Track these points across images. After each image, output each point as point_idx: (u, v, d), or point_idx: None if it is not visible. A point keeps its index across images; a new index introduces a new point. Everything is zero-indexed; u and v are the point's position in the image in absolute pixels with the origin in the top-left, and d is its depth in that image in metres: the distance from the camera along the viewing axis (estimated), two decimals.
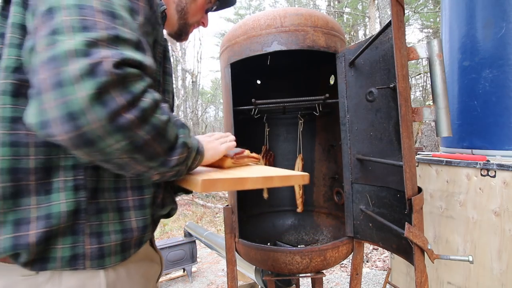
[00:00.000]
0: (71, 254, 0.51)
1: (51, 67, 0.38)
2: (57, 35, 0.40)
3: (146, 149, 0.44)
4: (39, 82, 0.39)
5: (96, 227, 0.54)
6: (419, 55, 0.90)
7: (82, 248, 0.52)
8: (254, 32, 1.25)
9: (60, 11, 0.41)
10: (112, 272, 0.56)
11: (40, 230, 0.48)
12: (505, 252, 1.17)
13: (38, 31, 0.41)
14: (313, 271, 1.26)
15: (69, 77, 0.38)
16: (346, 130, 1.24)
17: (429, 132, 4.74)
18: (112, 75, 0.39)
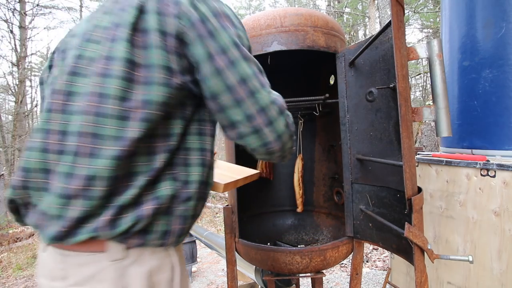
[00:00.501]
0: (164, 229, 0.65)
1: (263, 114, 0.66)
2: (256, 94, 0.66)
3: (293, 141, 0.76)
4: (258, 123, 0.66)
5: (180, 211, 0.67)
6: (419, 55, 0.90)
7: (171, 227, 0.66)
8: (254, 32, 1.25)
9: (249, 79, 0.66)
10: (176, 253, 0.70)
11: (153, 207, 0.62)
12: (505, 252, 1.17)
13: (239, 93, 0.65)
14: (313, 271, 1.26)
15: (273, 117, 0.67)
16: (346, 130, 1.24)
17: (429, 132, 4.75)
18: (287, 112, 0.72)
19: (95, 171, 0.58)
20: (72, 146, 0.59)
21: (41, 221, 0.61)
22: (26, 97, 10.93)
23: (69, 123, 0.60)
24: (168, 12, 0.62)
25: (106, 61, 0.61)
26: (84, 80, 0.61)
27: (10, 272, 3.81)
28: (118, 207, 0.59)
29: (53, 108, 0.62)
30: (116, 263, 0.61)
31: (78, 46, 0.65)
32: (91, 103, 0.59)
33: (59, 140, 0.60)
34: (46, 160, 0.60)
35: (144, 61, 0.62)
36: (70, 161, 0.58)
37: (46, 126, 0.62)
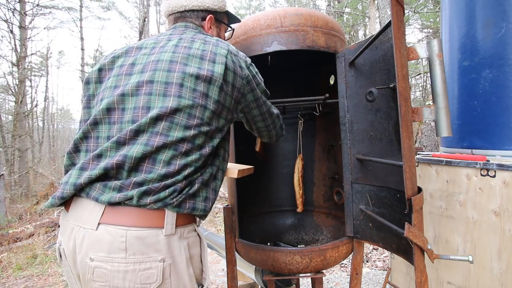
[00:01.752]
0: (206, 195, 0.89)
1: (273, 123, 1.17)
2: (272, 115, 1.14)
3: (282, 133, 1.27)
4: (271, 128, 1.18)
5: (213, 186, 0.93)
6: (419, 55, 0.90)
7: (209, 195, 0.91)
8: (254, 32, 1.25)
9: (268, 108, 1.12)
10: (200, 234, 0.92)
11: (201, 178, 0.88)
12: (505, 252, 1.17)
13: (265, 116, 1.12)
14: (313, 271, 1.26)
15: (277, 123, 1.19)
16: (346, 130, 1.24)
17: (429, 132, 4.75)
18: (279, 115, 1.21)
19: (188, 162, 0.84)
20: (175, 146, 0.83)
21: (125, 186, 0.79)
22: (26, 97, 10.92)
23: (175, 132, 0.84)
24: (238, 73, 0.95)
25: (204, 97, 0.88)
26: (187, 103, 0.85)
27: (10, 272, 3.81)
28: (188, 180, 0.84)
29: (161, 118, 0.83)
30: (168, 237, 0.80)
31: (177, 70, 0.88)
32: (193, 122, 0.86)
33: (164, 139, 0.82)
34: (146, 152, 0.80)
35: (223, 101, 0.93)
36: (171, 154, 0.82)
37: (150, 129, 0.82)
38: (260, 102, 1.05)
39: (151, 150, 0.80)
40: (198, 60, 0.89)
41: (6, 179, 6.93)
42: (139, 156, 0.79)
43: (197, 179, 0.86)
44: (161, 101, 0.84)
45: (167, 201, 0.79)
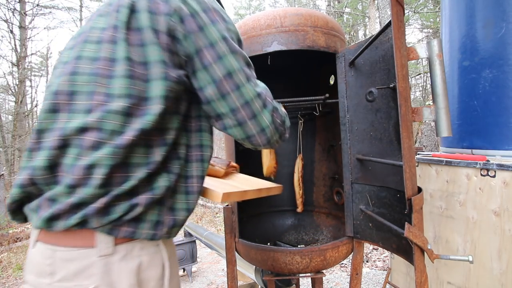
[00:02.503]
0: (157, 219, 0.66)
1: (247, 107, 0.70)
2: (241, 88, 0.69)
3: (283, 138, 0.82)
4: (242, 116, 0.70)
5: (172, 203, 0.69)
6: (419, 55, 0.90)
7: (163, 217, 0.67)
8: (254, 32, 1.25)
9: (235, 73, 0.68)
10: (168, 249, 0.71)
11: (149, 196, 0.64)
12: (505, 252, 1.17)
13: (225, 87, 0.68)
14: (313, 271, 1.26)
15: (257, 110, 0.71)
16: (346, 130, 1.24)
17: (429, 132, 4.75)
18: (272, 105, 0.75)
19: (96, 160, 0.59)
20: (77, 140, 0.60)
21: (40, 206, 0.61)
22: (26, 97, 10.93)
23: (73, 120, 0.61)
24: (159, 11, 0.64)
25: (109, 63, 0.63)
26: (86, 79, 0.63)
27: (10, 272, 3.81)
28: (113, 196, 0.60)
29: (57, 108, 0.63)
30: (104, 259, 0.61)
31: (75, 47, 0.68)
32: (97, 101, 0.61)
33: (61, 136, 0.61)
34: (51, 157, 0.61)
35: (142, 58, 0.63)
36: (75, 154, 0.60)
37: (50, 126, 0.63)
38: (211, 58, 0.65)
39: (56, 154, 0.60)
40: (102, 19, 0.67)
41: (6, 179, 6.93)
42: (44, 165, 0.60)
43: (137, 196, 0.63)
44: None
45: (90, 224, 0.60)
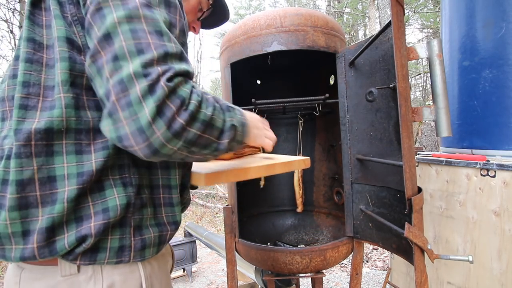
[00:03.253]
0: (119, 245, 0.56)
1: (119, 90, 0.45)
2: (119, 60, 0.46)
3: (200, 142, 0.50)
4: (112, 103, 0.46)
5: (138, 221, 0.59)
6: (419, 55, 0.90)
7: (129, 240, 0.57)
8: (254, 32, 1.25)
9: (117, 37, 0.46)
10: (148, 265, 0.61)
11: (100, 222, 0.54)
12: (505, 252, 1.17)
13: (101, 56, 0.47)
14: (313, 271, 1.26)
15: (134, 98, 0.45)
16: (346, 130, 1.24)
17: (429, 132, 4.75)
18: (166, 89, 0.45)
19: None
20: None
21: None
22: None
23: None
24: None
25: (18, 43, 0.56)
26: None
27: None
28: (43, 230, 0.50)
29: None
30: (69, 279, 0.55)
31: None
32: (6, 86, 0.56)
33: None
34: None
35: (48, 40, 0.55)
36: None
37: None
38: (91, 13, 0.49)
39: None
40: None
41: None
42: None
43: (81, 223, 0.53)
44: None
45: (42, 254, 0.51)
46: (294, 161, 0.80)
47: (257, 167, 0.70)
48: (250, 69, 1.58)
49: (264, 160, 0.78)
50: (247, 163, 0.74)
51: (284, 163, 0.77)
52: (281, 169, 0.76)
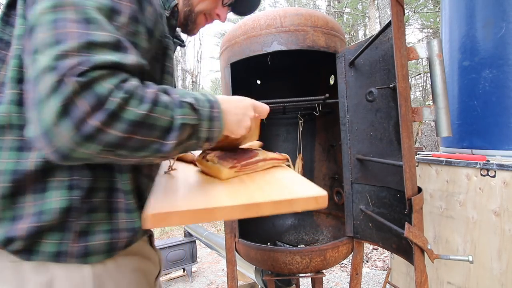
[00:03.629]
0: (56, 250, 0.54)
1: (32, 87, 0.41)
2: (36, 53, 0.42)
3: (129, 144, 0.44)
4: (29, 101, 0.42)
5: (85, 226, 0.56)
6: (419, 55, 0.90)
7: (67, 246, 0.54)
8: (254, 32, 1.25)
9: (37, 28, 0.43)
10: (100, 265, 0.58)
11: (32, 225, 0.52)
12: (505, 252, 1.17)
13: (27, 51, 0.44)
14: (313, 271, 1.26)
15: (41, 95, 0.40)
16: (346, 130, 1.24)
17: (429, 132, 4.75)
18: (76, 85, 0.40)
19: None
20: None
21: None
22: None
23: None
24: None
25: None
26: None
27: None
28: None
29: None
30: (15, 265, 0.53)
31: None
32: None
33: None
34: None
35: (12, 39, 0.55)
36: None
37: None
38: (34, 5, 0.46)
39: None
40: None
41: None
42: None
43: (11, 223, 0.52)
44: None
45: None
46: (298, 200, 0.54)
47: (229, 208, 0.50)
48: (250, 69, 1.58)
49: (252, 195, 0.55)
50: (224, 198, 0.54)
51: (278, 203, 0.52)
52: (271, 210, 0.52)
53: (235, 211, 0.50)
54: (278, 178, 0.67)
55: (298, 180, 0.63)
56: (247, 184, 0.62)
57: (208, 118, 0.55)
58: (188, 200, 0.53)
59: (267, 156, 0.72)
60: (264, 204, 0.52)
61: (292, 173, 0.69)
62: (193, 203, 0.51)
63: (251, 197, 0.53)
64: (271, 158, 0.73)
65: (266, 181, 0.65)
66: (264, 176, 0.68)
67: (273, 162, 0.73)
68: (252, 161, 0.70)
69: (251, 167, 0.70)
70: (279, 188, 0.59)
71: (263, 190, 0.57)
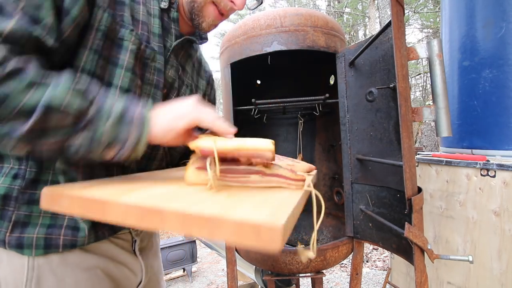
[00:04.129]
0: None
1: None
2: None
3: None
4: None
5: (24, 217, 0.56)
6: (419, 55, 0.90)
7: (4, 235, 0.55)
8: (254, 32, 1.25)
9: None
10: (41, 258, 0.58)
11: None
12: (505, 252, 1.17)
13: None
14: (313, 271, 1.26)
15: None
16: (346, 130, 1.24)
17: (429, 132, 4.75)
18: None
19: None
20: None
21: None
22: None
23: None
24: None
25: None
26: None
27: None
28: None
29: None
30: None
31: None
32: None
33: None
34: None
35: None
36: None
37: None
38: None
39: None
40: None
41: None
42: None
43: None
44: None
45: None
46: (224, 222, 0.34)
47: (124, 207, 0.39)
48: (250, 69, 1.58)
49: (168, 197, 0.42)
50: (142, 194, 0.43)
51: (189, 218, 0.36)
52: (177, 226, 0.37)
53: (131, 213, 0.38)
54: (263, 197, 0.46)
55: (274, 203, 0.42)
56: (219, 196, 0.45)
57: (117, 117, 0.47)
58: (105, 190, 0.45)
59: (272, 171, 0.51)
60: (169, 213, 0.36)
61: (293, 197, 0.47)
62: (98, 193, 0.43)
63: (170, 204, 0.38)
64: (278, 175, 0.52)
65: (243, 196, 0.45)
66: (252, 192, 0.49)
67: (280, 181, 0.52)
68: (239, 170, 0.51)
69: (236, 178, 0.51)
70: (234, 204, 0.40)
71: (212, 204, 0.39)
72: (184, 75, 0.84)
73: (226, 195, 0.45)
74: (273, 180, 0.51)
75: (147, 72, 0.68)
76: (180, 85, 0.81)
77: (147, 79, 0.68)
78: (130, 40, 0.63)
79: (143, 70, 0.67)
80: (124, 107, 0.49)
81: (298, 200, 0.45)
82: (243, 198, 0.44)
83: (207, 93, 1.02)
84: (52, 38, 0.49)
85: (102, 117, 0.47)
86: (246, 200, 0.42)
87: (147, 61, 0.67)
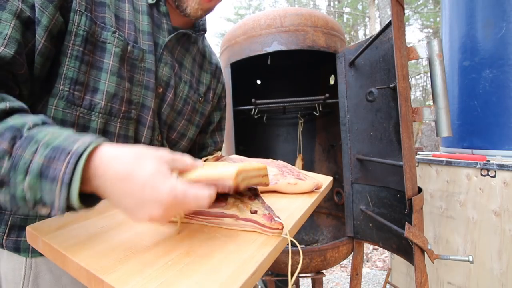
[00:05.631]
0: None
1: None
2: None
3: None
4: None
5: (20, 221, 0.58)
6: (419, 55, 0.90)
7: (1, 238, 0.58)
8: (254, 32, 1.25)
9: None
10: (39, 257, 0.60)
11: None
12: (505, 252, 1.17)
13: None
14: (313, 271, 1.26)
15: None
16: (346, 130, 1.24)
17: (429, 132, 4.75)
18: None
19: None
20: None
21: None
22: None
23: None
24: None
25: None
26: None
27: None
28: None
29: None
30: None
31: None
32: None
33: None
34: None
35: None
36: None
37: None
38: None
39: None
40: None
41: None
42: None
43: None
44: None
45: None
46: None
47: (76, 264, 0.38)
48: (250, 69, 1.58)
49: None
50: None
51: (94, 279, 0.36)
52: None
53: (81, 273, 0.37)
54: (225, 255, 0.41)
55: (231, 268, 0.38)
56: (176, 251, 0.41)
57: (36, 174, 0.37)
58: (75, 235, 0.42)
59: (246, 216, 0.47)
60: (108, 286, 0.34)
61: (260, 253, 0.41)
62: (64, 240, 0.40)
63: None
64: (252, 220, 0.47)
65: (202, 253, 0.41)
66: (219, 242, 0.44)
67: (254, 226, 0.47)
68: (210, 213, 0.48)
69: (209, 220, 0.49)
70: (180, 275, 0.36)
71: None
72: (181, 72, 0.80)
73: (187, 249, 0.42)
74: (247, 225, 0.47)
75: (136, 73, 0.66)
76: (177, 82, 0.77)
77: (136, 81, 0.66)
78: (113, 42, 0.61)
79: (132, 72, 0.65)
80: (48, 157, 0.37)
81: (264, 258, 0.40)
82: (200, 258, 0.40)
83: (212, 87, 0.94)
84: (11, 50, 0.47)
85: (18, 175, 0.37)
86: (201, 263, 0.38)
87: (135, 62, 0.65)
